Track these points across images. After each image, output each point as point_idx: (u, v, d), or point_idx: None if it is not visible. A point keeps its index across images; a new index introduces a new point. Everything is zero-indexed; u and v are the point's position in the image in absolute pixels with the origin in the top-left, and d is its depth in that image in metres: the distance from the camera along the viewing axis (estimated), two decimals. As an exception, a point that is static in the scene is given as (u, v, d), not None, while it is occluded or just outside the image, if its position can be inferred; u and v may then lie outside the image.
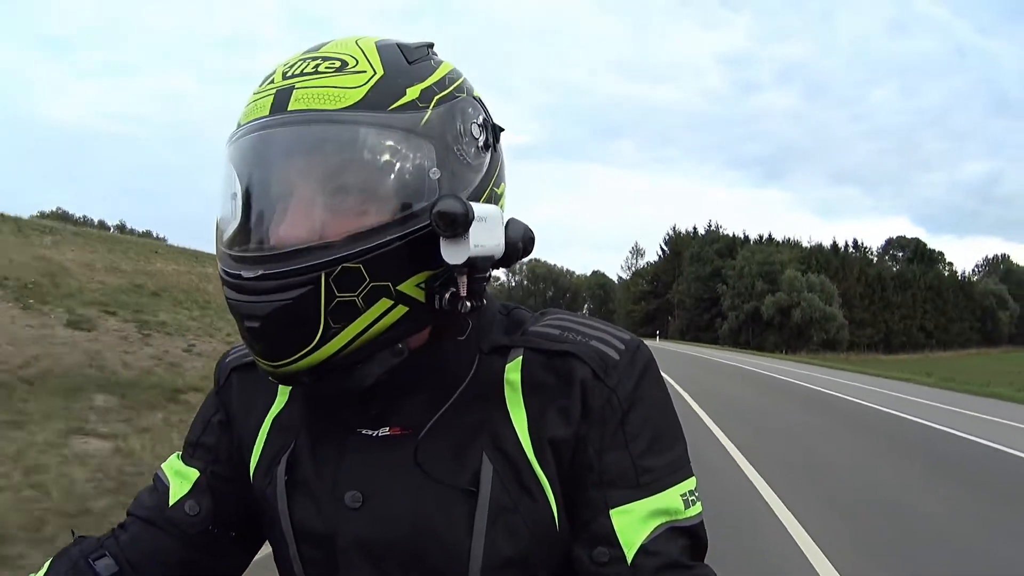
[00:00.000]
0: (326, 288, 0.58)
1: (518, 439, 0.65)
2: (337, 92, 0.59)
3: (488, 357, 0.67)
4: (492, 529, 0.63)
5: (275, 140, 0.60)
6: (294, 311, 0.58)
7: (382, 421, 0.66)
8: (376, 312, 0.59)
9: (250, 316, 0.59)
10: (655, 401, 0.67)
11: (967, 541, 4.58)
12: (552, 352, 0.66)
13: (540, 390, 0.66)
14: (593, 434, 0.64)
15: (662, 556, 0.62)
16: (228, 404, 0.77)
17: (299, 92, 0.59)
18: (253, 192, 0.60)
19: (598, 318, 0.72)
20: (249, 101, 0.63)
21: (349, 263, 0.57)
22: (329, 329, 0.59)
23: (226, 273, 0.61)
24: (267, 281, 0.58)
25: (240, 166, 0.61)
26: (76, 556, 0.72)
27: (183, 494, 0.75)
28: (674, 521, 0.64)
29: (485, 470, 0.64)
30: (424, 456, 0.64)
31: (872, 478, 6.41)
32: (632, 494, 0.64)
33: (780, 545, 4.32)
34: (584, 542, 0.64)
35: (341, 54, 0.62)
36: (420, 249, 0.60)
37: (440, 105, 0.62)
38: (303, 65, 0.61)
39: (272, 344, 0.60)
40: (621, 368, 0.65)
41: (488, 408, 0.66)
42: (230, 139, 0.62)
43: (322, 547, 0.67)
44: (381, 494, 0.65)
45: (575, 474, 0.65)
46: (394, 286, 0.59)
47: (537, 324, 0.69)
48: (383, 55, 0.62)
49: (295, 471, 0.68)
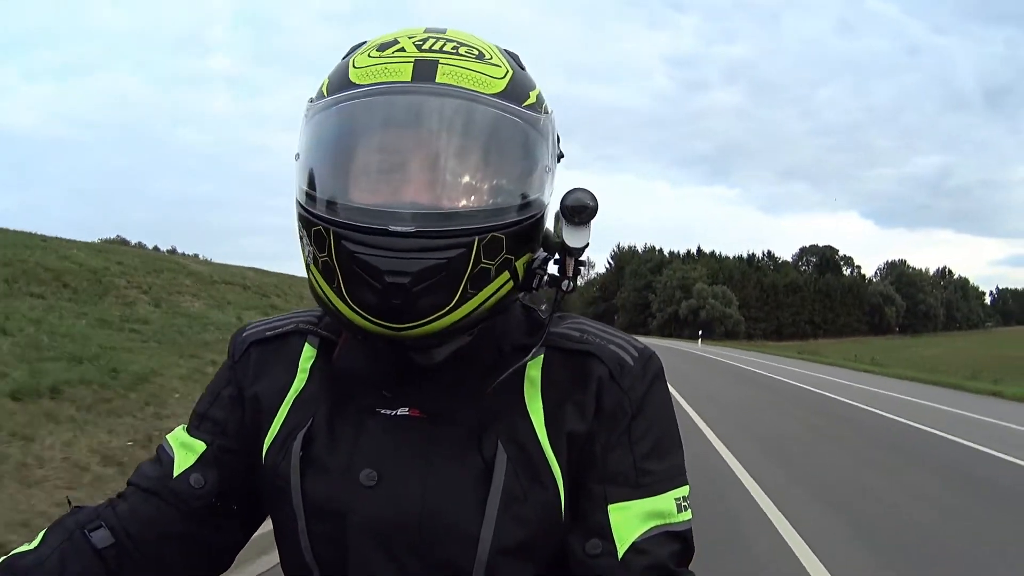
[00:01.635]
0: (476, 253, 0.61)
1: (534, 431, 0.68)
2: (484, 78, 0.64)
3: (511, 353, 0.69)
4: (503, 516, 0.64)
5: (433, 106, 0.62)
6: (446, 271, 0.60)
7: (401, 402, 0.68)
8: (499, 283, 0.64)
9: (395, 271, 0.59)
10: (661, 409, 0.71)
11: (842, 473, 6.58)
12: (573, 351, 0.70)
13: (559, 386, 0.69)
14: (602, 432, 0.68)
15: (651, 556, 0.65)
16: (243, 378, 0.77)
17: (445, 68, 0.63)
18: (403, 150, 0.62)
19: (612, 326, 0.77)
20: (368, 63, 0.64)
21: (497, 232, 0.62)
22: (466, 293, 0.62)
23: (354, 228, 0.60)
24: (423, 239, 0.59)
25: (386, 123, 0.63)
26: (72, 527, 0.71)
27: (188, 466, 0.74)
28: (667, 525, 0.67)
29: (500, 459, 0.65)
30: (441, 441, 0.67)
31: (741, 401, 10.71)
32: (631, 493, 0.67)
33: (713, 457, 6.73)
34: (579, 533, 0.67)
35: (474, 44, 0.67)
36: (533, 232, 0.66)
37: (547, 113, 0.69)
38: (438, 43, 0.65)
39: (410, 304, 0.60)
40: (635, 373, 0.69)
41: (507, 400, 0.68)
42: (355, 95, 0.63)
43: (333, 524, 0.67)
44: (396, 474, 0.66)
45: (580, 468, 0.68)
46: (515, 261, 0.65)
47: (558, 326, 0.73)
48: (504, 56, 0.69)
49: (311, 448, 0.69)
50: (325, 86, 0.66)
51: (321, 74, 0.69)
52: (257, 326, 0.80)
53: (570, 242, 0.66)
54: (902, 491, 6.16)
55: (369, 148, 0.63)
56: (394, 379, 0.68)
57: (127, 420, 5.18)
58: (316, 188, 0.64)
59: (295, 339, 0.76)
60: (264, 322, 0.80)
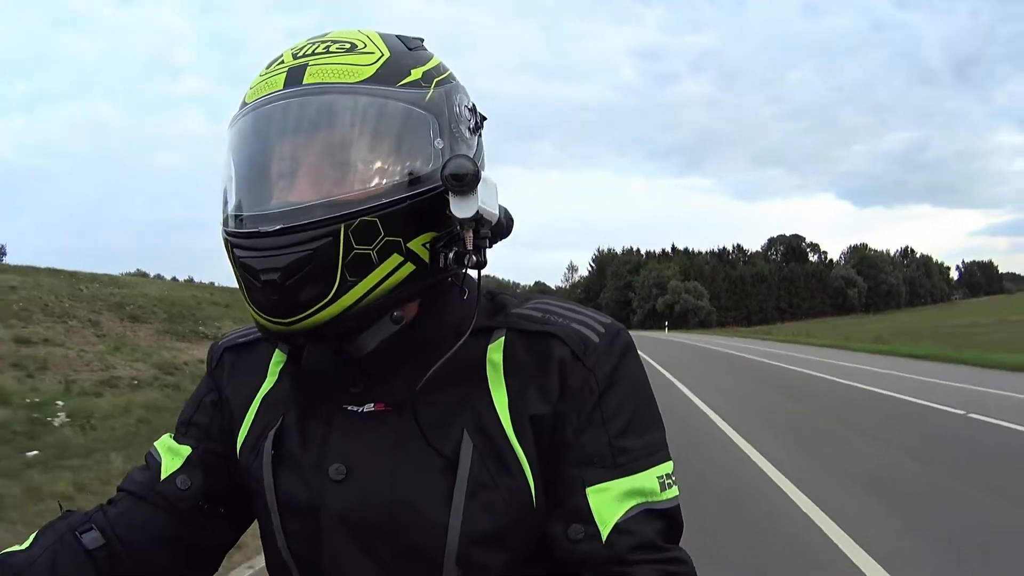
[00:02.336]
0: (345, 239, 0.61)
1: (498, 417, 0.67)
2: (351, 68, 0.65)
3: (471, 338, 0.67)
4: (470, 504, 0.64)
5: (293, 109, 0.64)
6: (314, 261, 0.61)
7: (367, 398, 0.68)
8: (388, 267, 0.63)
9: (267, 269, 0.61)
10: (633, 384, 0.69)
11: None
12: (533, 332, 0.69)
13: (521, 369, 0.68)
14: (571, 413, 0.66)
15: (637, 536, 0.64)
16: (220, 384, 0.79)
17: (313, 68, 0.65)
18: (272, 156, 0.64)
19: (578, 303, 0.74)
20: (257, 81, 0.67)
21: (367, 216, 0.61)
22: (345, 282, 0.62)
23: (239, 234, 0.63)
24: (287, 235, 0.61)
25: (257, 135, 0.65)
26: (63, 529, 0.72)
27: (175, 469, 0.76)
28: (650, 503, 0.65)
29: (465, 446, 0.65)
30: (407, 431, 0.66)
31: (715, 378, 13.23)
32: (608, 473, 0.65)
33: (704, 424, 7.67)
34: (559, 519, 0.66)
35: (349, 38, 0.68)
36: (428, 210, 0.65)
37: (439, 87, 0.68)
38: (312, 47, 0.67)
39: (288, 297, 0.62)
40: (600, 350, 0.68)
41: (470, 387, 0.68)
42: (239, 115, 0.67)
43: (305, 519, 0.68)
44: (364, 467, 0.67)
45: (553, 452, 0.67)
46: (405, 243, 0.64)
47: (520, 307, 0.72)
48: (387, 41, 0.69)
49: (282, 446, 0.70)
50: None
51: None
52: (231, 335, 0.83)
53: (457, 212, 0.64)
54: (790, 414, 8.81)
55: (250, 159, 0.66)
56: (356, 376, 0.69)
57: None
58: (222, 205, 0.67)
59: (266, 345, 0.78)
60: (240, 330, 0.82)
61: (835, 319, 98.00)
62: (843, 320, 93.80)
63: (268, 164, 0.65)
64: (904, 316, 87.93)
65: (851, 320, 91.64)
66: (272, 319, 0.63)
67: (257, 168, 0.65)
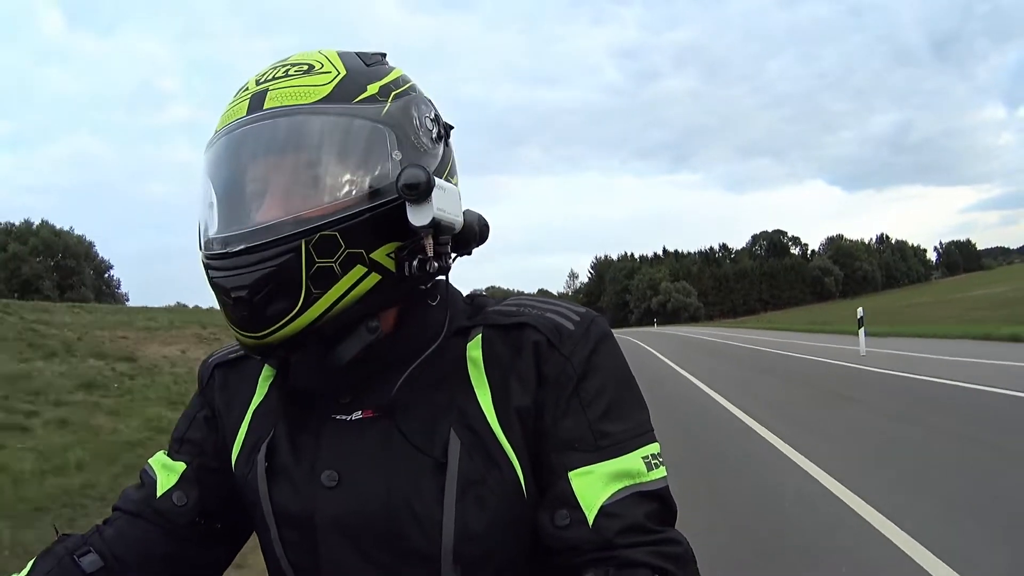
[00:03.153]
0: (307, 254, 0.63)
1: (483, 413, 0.68)
2: (307, 90, 0.66)
3: (451, 339, 0.70)
4: (462, 502, 0.65)
5: (253, 134, 0.66)
6: (278, 276, 0.63)
7: (355, 406, 0.70)
8: (352, 278, 0.64)
9: (236, 287, 0.64)
10: (611, 370, 0.69)
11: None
12: (508, 325, 0.70)
13: (500, 362, 0.69)
14: (549, 401, 0.67)
15: (625, 519, 0.63)
16: (212, 400, 0.80)
17: (273, 92, 0.67)
18: (236, 181, 0.67)
19: (557, 298, 0.74)
20: (225, 110, 0.70)
21: (326, 231, 0.63)
22: (311, 294, 0.63)
23: (211, 256, 0.66)
24: (252, 254, 0.63)
25: (222, 162, 0.68)
26: (61, 553, 0.73)
27: (170, 486, 0.76)
28: (638, 484, 0.65)
29: (453, 445, 0.66)
30: (395, 435, 0.67)
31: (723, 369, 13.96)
32: (590, 457, 0.66)
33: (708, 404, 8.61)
34: (546, 506, 0.66)
35: (307, 60, 0.70)
36: (389, 221, 0.66)
37: (397, 99, 0.69)
38: (273, 72, 0.69)
39: (257, 312, 0.64)
40: (576, 337, 0.69)
41: (454, 387, 0.69)
42: (208, 145, 0.69)
43: (301, 528, 0.69)
44: (356, 472, 0.67)
45: (537, 441, 0.68)
46: (367, 254, 0.65)
47: (497, 305, 0.74)
48: (344, 59, 0.70)
49: (274, 457, 0.71)
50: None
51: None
52: (221, 351, 0.84)
53: (413, 220, 0.65)
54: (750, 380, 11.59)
55: (217, 184, 0.68)
56: (342, 386, 0.70)
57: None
58: (197, 231, 0.70)
59: (255, 360, 0.78)
60: (229, 347, 0.83)
61: (815, 306, 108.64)
62: (819, 306, 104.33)
63: (233, 188, 0.67)
64: (878, 298, 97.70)
65: (826, 306, 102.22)
66: (246, 333, 0.66)
67: (225, 192, 0.68)
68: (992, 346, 14.78)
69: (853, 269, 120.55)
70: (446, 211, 0.67)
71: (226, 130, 0.68)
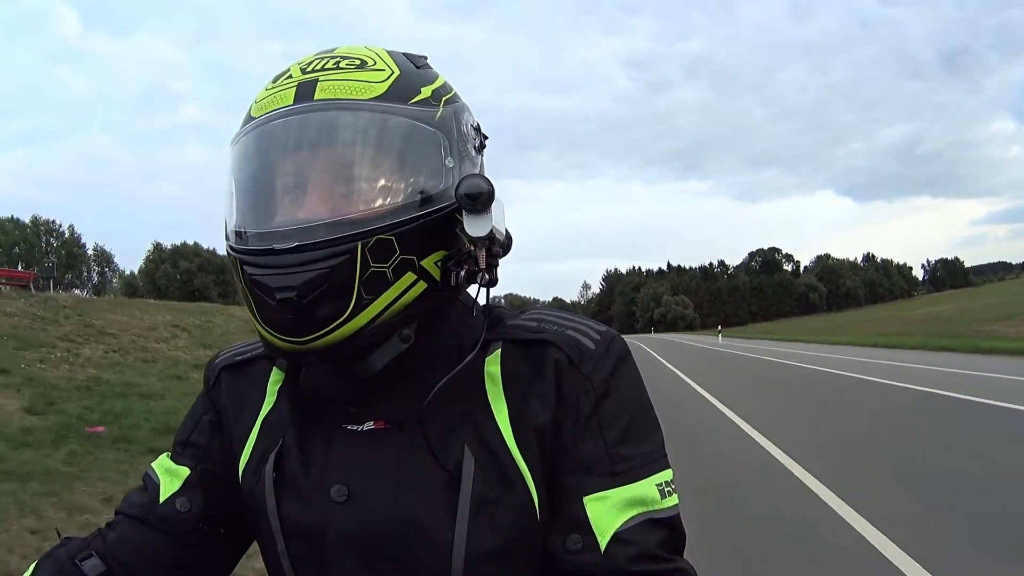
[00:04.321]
0: (362, 257, 0.61)
1: (499, 430, 0.66)
2: (362, 85, 0.64)
3: (469, 352, 0.67)
4: (474, 521, 0.63)
5: (305, 124, 0.63)
6: (331, 279, 0.60)
7: (366, 416, 0.68)
8: (402, 285, 0.63)
9: (283, 287, 0.60)
10: (630, 391, 0.68)
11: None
12: (529, 341, 0.68)
13: (519, 379, 0.67)
14: (568, 421, 0.66)
15: (637, 546, 0.62)
16: (218, 403, 0.78)
17: (324, 84, 0.64)
18: (284, 172, 0.64)
19: (576, 313, 0.74)
20: (263, 96, 0.67)
21: (383, 235, 0.61)
22: (361, 300, 0.61)
23: (251, 252, 0.63)
24: (304, 252, 0.60)
25: (266, 151, 0.64)
26: (62, 558, 0.71)
27: (174, 491, 0.75)
28: (651, 512, 0.64)
29: (467, 463, 0.64)
30: (408, 449, 0.66)
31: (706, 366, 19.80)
32: (607, 482, 0.64)
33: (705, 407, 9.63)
34: (558, 529, 0.65)
35: (358, 54, 0.68)
36: (440, 229, 0.65)
37: (448, 105, 0.68)
38: (321, 62, 0.67)
39: (304, 316, 0.61)
40: (596, 357, 0.67)
41: (470, 402, 0.67)
42: (246, 130, 0.66)
43: (310, 542, 0.67)
44: (366, 487, 0.66)
45: (552, 461, 0.66)
46: (418, 261, 0.64)
47: (515, 319, 0.71)
48: (395, 59, 0.69)
49: (283, 468, 0.69)
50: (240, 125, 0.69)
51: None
52: (228, 352, 0.81)
53: (471, 231, 0.63)
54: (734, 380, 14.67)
55: (261, 175, 0.65)
56: (357, 393, 0.68)
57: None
58: (228, 221, 0.67)
59: (263, 363, 0.77)
60: (236, 348, 0.81)
61: (800, 318, 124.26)
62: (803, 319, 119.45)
63: (279, 180, 0.64)
64: (857, 313, 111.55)
65: (809, 318, 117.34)
66: (285, 338, 0.62)
67: (268, 184, 0.65)
68: (853, 349, 24.47)
69: (837, 286, 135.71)
70: (500, 224, 0.66)
71: (270, 116, 0.65)
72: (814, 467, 5.56)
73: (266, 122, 0.65)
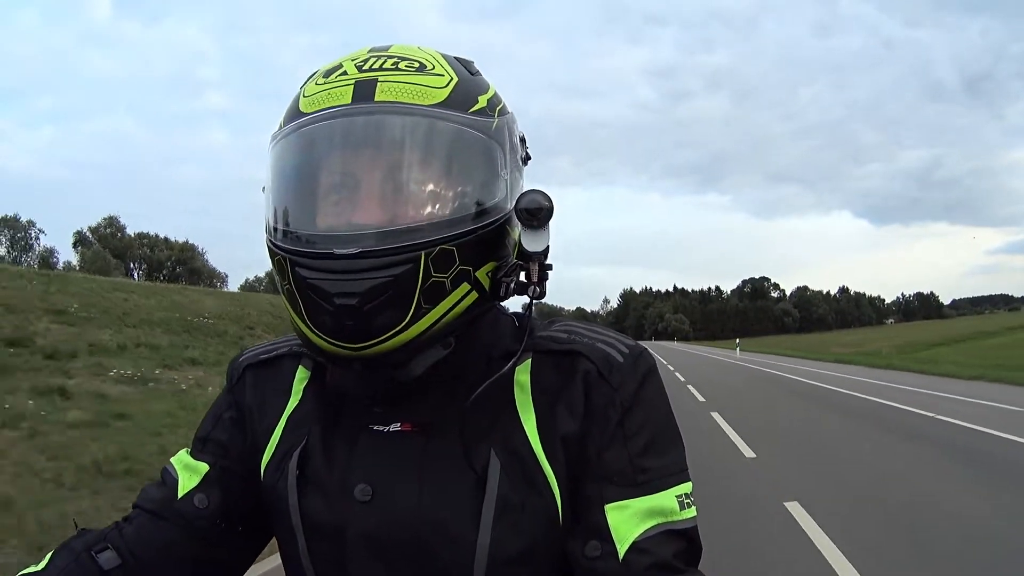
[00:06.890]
0: (424, 267, 0.60)
1: (527, 438, 0.67)
2: (424, 90, 0.63)
3: (499, 361, 0.68)
4: (498, 525, 0.64)
5: (369, 125, 0.62)
6: (394, 288, 0.60)
7: (392, 417, 0.68)
8: (458, 295, 0.63)
9: (343, 294, 0.60)
10: (655, 404, 0.69)
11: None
12: (560, 352, 0.69)
13: (548, 389, 0.68)
14: (595, 431, 0.66)
15: (654, 556, 0.63)
16: (241, 401, 0.78)
17: (384, 85, 0.63)
18: (345, 172, 0.63)
19: (603, 325, 0.75)
20: (314, 91, 0.65)
21: (446, 244, 0.61)
22: (420, 309, 0.61)
23: (306, 254, 0.62)
24: (367, 259, 0.60)
25: (323, 147, 0.63)
26: (79, 549, 0.71)
27: (192, 487, 0.75)
28: (669, 523, 0.65)
29: (493, 467, 0.65)
30: (434, 453, 0.66)
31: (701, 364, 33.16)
32: (628, 491, 0.65)
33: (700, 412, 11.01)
34: (578, 536, 0.66)
35: (415, 56, 0.67)
36: (493, 240, 0.66)
37: (501, 116, 0.68)
38: (379, 61, 0.65)
39: (363, 323, 0.60)
40: (625, 370, 0.68)
41: (498, 409, 0.67)
42: (299, 124, 0.64)
43: (331, 541, 0.67)
44: (390, 488, 0.66)
45: (577, 469, 0.67)
46: (474, 271, 0.64)
47: (546, 330, 0.72)
48: (451, 64, 0.68)
49: (307, 466, 0.70)
50: (283, 118, 0.67)
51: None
52: (253, 351, 0.81)
53: (528, 246, 0.65)
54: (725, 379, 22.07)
55: (316, 174, 0.64)
56: (385, 395, 0.68)
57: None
58: (275, 219, 0.66)
59: (289, 361, 0.77)
60: (260, 347, 0.82)
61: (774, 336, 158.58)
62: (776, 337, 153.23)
63: (335, 180, 0.63)
64: (825, 336, 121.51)
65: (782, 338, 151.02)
66: (340, 343, 0.62)
67: (324, 184, 0.63)
68: (784, 359, 37.94)
69: (810, 312, 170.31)
70: (551, 238, 0.66)
71: (328, 114, 0.63)
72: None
73: (323, 119, 0.63)
